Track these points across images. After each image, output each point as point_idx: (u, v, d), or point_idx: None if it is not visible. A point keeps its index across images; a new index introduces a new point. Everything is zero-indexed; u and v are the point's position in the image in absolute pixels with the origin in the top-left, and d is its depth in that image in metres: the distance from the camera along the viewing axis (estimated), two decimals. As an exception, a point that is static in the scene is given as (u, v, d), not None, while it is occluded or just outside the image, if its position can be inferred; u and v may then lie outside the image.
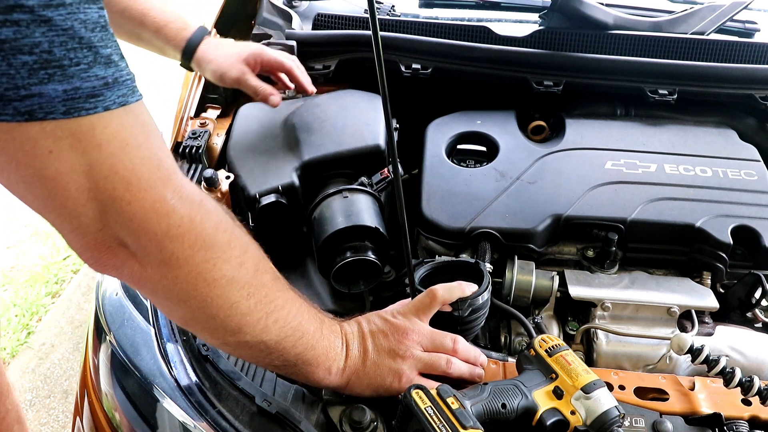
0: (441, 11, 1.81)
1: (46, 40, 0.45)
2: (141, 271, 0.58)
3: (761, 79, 1.36)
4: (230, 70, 1.17)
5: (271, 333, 0.68)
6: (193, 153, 1.18)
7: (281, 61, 1.23)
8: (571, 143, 1.26)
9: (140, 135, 0.53)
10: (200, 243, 0.58)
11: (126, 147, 0.52)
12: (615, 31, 1.42)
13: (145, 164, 0.53)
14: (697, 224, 1.07)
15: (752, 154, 1.25)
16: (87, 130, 0.49)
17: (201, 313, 0.63)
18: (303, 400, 0.81)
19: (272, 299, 0.67)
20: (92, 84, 0.48)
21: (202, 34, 1.18)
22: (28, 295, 2.53)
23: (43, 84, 0.46)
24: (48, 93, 0.46)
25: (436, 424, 0.69)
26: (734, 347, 1.00)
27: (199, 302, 0.62)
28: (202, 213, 0.58)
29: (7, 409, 1.44)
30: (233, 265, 0.62)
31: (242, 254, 0.63)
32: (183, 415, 0.79)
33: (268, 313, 0.67)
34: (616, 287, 1.05)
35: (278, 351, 0.70)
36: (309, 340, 0.73)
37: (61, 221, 0.54)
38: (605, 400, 0.75)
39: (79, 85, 0.47)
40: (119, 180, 0.52)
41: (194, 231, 0.58)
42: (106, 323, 0.95)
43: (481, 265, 0.94)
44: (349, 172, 1.18)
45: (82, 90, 0.48)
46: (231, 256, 0.61)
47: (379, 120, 1.24)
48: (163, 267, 0.58)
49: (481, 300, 0.89)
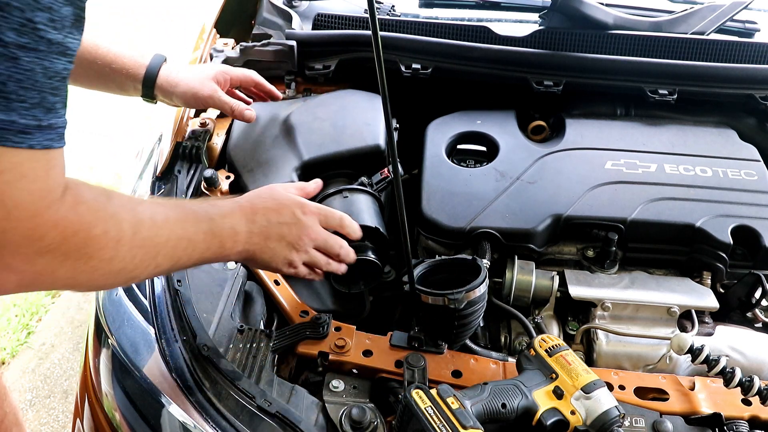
0: (441, 11, 1.81)
1: (6, 74, 0.48)
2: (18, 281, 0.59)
3: (761, 79, 1.36)
4: (201, 89, 1.16)
5: (163, 266, 0.73)
6: (193, 153, 1.18)
7: (249, 74, 1.26)
8: (571, 143, 1.26)
9: (41, 170, 0.55)
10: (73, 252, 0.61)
11: (21, 179, 0.53)
12: (615, 31, 1.42)
13: (32, 195, 0.55)
14: (697, 224, 1.07)
15: (752, 154, 1.25)
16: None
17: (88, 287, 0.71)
18: (303, 400, 0.81)
19: (155, 244, 0.71)
20: (27, 122, 0.51)
21: (159, 61, 1.15)
22: (28, 295, 2.53)
23: None
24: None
25: (436, 424, 0.69)
26: (734, 347, 1.00)
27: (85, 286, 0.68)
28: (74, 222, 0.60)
29: (5, 412, 1.44)
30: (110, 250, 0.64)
31: (118, 231, 0.65)
32: (183, 415, 0.79)
33: (155, 256, 0.71)
34: (616, 287, 1.05)
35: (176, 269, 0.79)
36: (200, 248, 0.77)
37: None
38: (605, 400, 0.75)
39: (16, 119, 0.50)
40: (2, 208, 0.53)
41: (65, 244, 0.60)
42: (106, 323, 0.95)
43: (478, 260, 0.94)
44: (349, 172, 1.18)
45: (16, 125, 0.51)
46: (107, 244, 0.64)
47: (378, 120, 1.24)
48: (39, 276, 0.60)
49: (478, 293, 0.89)
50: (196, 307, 0.88)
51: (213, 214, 0.79)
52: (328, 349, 0.88)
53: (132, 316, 0.94)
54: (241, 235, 0.81)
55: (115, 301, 0.98)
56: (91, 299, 1.09)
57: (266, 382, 0.82)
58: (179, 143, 1.19)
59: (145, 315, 0.92)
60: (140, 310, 0.94)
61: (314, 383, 0.88)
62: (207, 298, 0.92)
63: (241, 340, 0.87)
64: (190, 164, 1.17)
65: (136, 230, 0.68)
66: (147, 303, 0.94)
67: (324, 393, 0.84)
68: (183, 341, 0.86)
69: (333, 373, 0.87)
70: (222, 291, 0.93)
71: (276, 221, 0.85)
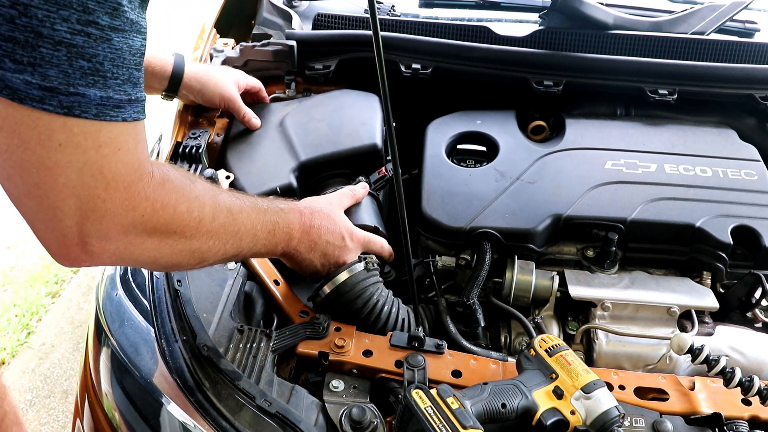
0: (441, 11, 1.81)
1: (102, 54, 0.53)
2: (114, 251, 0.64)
3: (761, 79, 1.36)
4: (229, 91, 1.25)
5: (228, 254, 0.80)
6: (193, 153, 1.18)
7: (256, 83, 1.35)
8: (571, 143, 1.26)
9: (131, 143, 0.60)
10: (161, 225, 0.66)
11: (117, 152, 0.58)
12: (615, 31, 1.42)
13: (126, 167, 0.60)
14: (697, 224, 1.07)
15: (752, 154, 1.25)
16: (95, 132, 0.56)
17: (166, 264, 0.77)
18: (303, 400, 0.81)
19: (228, 232, 0.78)
20: (120, 97, 0.57)
21: (182, 59, 1.22)
22: (28, 295, 2.53)
23: (88, 87, 0.54)
24: (89, 95, 0.54)
25: (436, 424, 0.69)
26: (734, 347, 1.00)
27: (164, 262, 0.73)
28: (163, 197, 0.66)
29: (5, 411, 1.44)
30: (191, 229, 0.71)
31: (201, 212, 0.72)
32: (183, 415, 0.79)
33: (225, 243, 0.78)
34: (616, 287, 1.05)
35: (236, 258, 0.88)
36: (260, 244, 0.86)
37: (37, 210, 0.59)
38: (605, 400, 0.75)
39: (111, 95, 0.56)
40: (101, 179, 0.58)
41: (155, 216, 0.65)
42: (106, 323, 0.95)
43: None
44: (347, 172, 1.18)
45: (112, 100, 0.56)
46: (190, 222, 0.70)
47: (375, 119, 1.24)
48: (130, 246, 0.65)
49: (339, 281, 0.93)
50: (196, 307, 0.88)
51: (278, 217, 0.88)
52: (328, 349, 0.88)
53: (132, 316, 0.94)
54: (293, 242, 0.91)
55: (115, 301, 0.98)
56: (91, 299, 1.09)
57: (266, 382, 0.82)
58: (179, 143, 1.19)
59: (145, 315, 0.92)
60: (140, 310, 0.94)
61: (314, 383, 0.88)
62: (207, 298, 0.92)
63: (241, 340, 0.87)
64: (190, 164, 1.16)
65: (215, 215, 0.75)
66: (147, 303, 0.94)
67: (324, 393, 0.84)
68: (183, 341, 0.86)
69: (333, 373, 0.87)
70: (222, 291, 0.93)
71: (325, 240, 0.94)
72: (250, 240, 0.83)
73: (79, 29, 0.51)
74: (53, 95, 0.52)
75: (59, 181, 0.56)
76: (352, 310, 0.93)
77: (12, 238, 2.79)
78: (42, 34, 0.50)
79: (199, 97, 1.26)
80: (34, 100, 0.52)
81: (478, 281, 1.05)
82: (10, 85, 0.51)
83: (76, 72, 0.52)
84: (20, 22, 0.49)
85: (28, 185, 0.56)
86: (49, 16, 0.49)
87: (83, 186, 0.57)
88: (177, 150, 1.18)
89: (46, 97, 0.52)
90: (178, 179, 0.69)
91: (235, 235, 0.79)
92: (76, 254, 0.62)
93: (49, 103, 0.52)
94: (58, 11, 0.50)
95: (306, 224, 0.93)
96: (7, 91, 0.51)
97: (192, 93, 1.24)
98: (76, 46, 0.52)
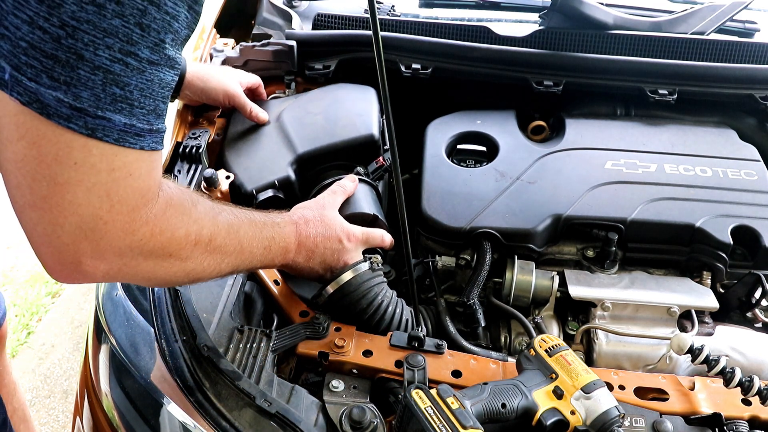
0: (441, 11, 1.81)
1: (134, 83, 0.55)
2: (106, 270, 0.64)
3: (761, 79, 1.36)
4: (232, 87, 1.25)
5: (224, 271, 0.81)
6: (193, 153, 1.18)
7: (256, 80, 1.35)
8: (571, 143, 1.26)
9: (144, 170, 0.61)
10: (157, 249, 0.67)
11: (128, 177, 0.59)
12: (615, 31, 1.42)
13: (134, 192, 0.61)
14: (697, 224, 1.07)
15: (752, 154, 1.25)
16: (112, 156, 0.57)
17: (161, 283, 0.80)
18: (303, 400, 0.81)
19: (224, 252, 0.78)
20: (143, 126, 0.58)
21: (183, 60, 1.21)
22: (28, 295, 2.53)
23: (115, 113, 0.55)
24: (114, 120, 0.55)
25: (436, 424, 0.69)
26: (734, 347, 1.00)
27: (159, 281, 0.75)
28: (163, 222, 0.66)
29: (13, 407, 1.45)
30: (187, 251, 0.71)
31: (198, 235, 0.72)
32: (183, 415, 0.79)
33: (221, 262, 0.78)
34: (616, 287, 1.05)
35: (231, 274, 0.88)
36: (256, 260, 0.87)
37: (38, 223, 0.59)
38: (605, 400, 0.75)
39: (135, 123, 0.57)
40: (107, 200, 0.59)
41: (152, 240, 0.65)
42: (106, 323, 0.95)
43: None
44: (345, 163, 1.18)
45: (135, 128, 0.57)
46: (186, 245, 0.71)
47: (371, 110, 1.24)
48: (124, 268, 0.65)
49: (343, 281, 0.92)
50: (196, 307, 0.88)
51: (273, 233, 0.88)
52: (328, 349, 0.88)
53: (132, 315, 0.94)
54: (290, 254, 0.92)
55: (115, 300, 0.98)
56: (91, 299, 1.09)
57: (266, 382, 0.82)
58: (179, 143, 1.19)
59: (145, 315, 0.92)
60: (140, 310, 0.94)
61: (314, 383, 0.88)
62: (207, 298, 0.92)
63: (241, 340, 0.87)
64: (190, 164, 1.16)
65: (213, 237, 0.75)
66: (147, 303, 0.94)
67: (324, 393, 0.84)
68: (183, 341, 0.86)
69: (333, 373, 0.87)
70: (222, 291, 0.93)
71: (323, 247, 0.94)
72: (247, 257, 0.83)
73: (119, 58, 0.53)
74: (81, 116, 0.53)
75: (66, 197, 0.56)
76: (357, 310, 0.92)
77: (12, 238, 2.79)
78: (84, 57, 0.52)
79: (202, 96, 1.25)
80: (62, 117, 0.53)
81: (478, 281, 1.05)
82: (42, 100, 0.52)
83: (108, 97, 0.54)
84: (65, 43, 0.50)
85: (35, 197, 0.57)
86: (95, 41, 0.51)
87: (88, 205, 0.58)
88: (177, 150, 1.18)
89: (74, 116, 0.53)
90: (181, 203, 0.70)
91: (231, 254, 0.80)
92: (69, 272, 0.62)
93: (75, 123, 0.53)
94: (104, 38, 0.52)
95: (302, 235, 0.93)
96: (37, 104, 0.52)
97: (195, 92, 1.24)
98: (113, 73, 0.54)
